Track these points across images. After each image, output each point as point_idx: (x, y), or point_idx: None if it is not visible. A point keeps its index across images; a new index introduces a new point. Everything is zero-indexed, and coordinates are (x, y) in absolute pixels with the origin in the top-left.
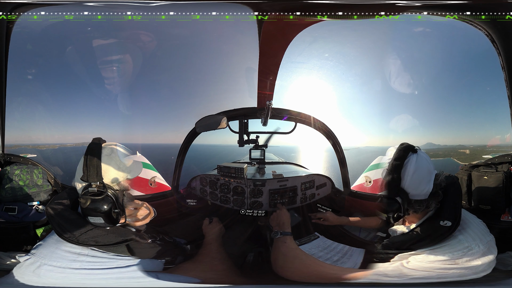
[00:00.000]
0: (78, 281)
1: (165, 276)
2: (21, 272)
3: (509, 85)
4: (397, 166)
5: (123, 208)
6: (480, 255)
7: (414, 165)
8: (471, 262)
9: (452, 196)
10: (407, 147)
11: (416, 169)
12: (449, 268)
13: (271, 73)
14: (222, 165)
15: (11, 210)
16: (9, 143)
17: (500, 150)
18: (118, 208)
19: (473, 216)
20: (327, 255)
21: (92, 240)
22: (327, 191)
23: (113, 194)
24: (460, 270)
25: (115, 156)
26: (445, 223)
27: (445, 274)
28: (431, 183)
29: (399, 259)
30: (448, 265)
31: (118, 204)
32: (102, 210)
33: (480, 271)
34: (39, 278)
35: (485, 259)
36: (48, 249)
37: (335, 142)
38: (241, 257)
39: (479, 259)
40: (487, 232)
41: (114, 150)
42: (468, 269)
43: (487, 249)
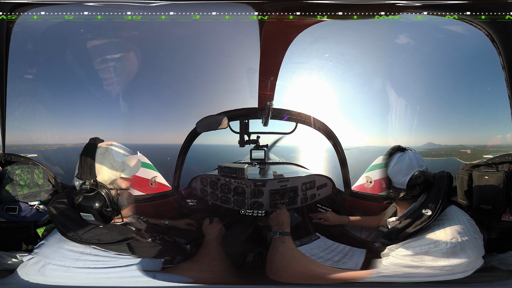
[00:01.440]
0: (82, 280)
1: (163, 275)
2: (25, 272)
3: (510, 85)
4: (385, 159)
5: (118, 207)
6: (449, 253)
7: (395, 160)
8: (438, 261)
9: (436, 188)
10: (396, 148)
11: (396, 163)
12: (416, 267)
13: (272, 74)
14: (222, 165)
15: (12, 210)
16: (9, 143)
17: (501, 150)
18: (110, 207)
19: (463, 214)
20: (328, 255)
21: (95, 239)
22: (328, 192)
23: (105, 192)
24: (429, 270)
25: (108, 155)
26: (426, 211)
27: (414, 273)
28: (408, 176)
29: (391, 251)
30: (414, 263)
31: (110, 202)
32: (93, 207)
33: (458, 272)
34: (45, 277)
35: (456, 260)
36: (51, 248)
37: (335, 143)
38: (241, 258)
39: (448, 258)
40: (469, 231)
41: (109, 149)
42: (438, 269)
43: (460, 248)
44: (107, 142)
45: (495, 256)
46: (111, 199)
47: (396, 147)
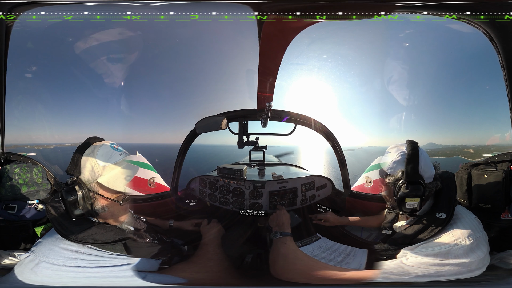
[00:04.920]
0: (71, 280)
1: (157, 276)
2: (20, 270)
3: (509, 83)
4: (414, 154)
5: (92, 210)
6: (468, 250)
7: (424, 152)
8: (460, 258)
9: (447, 190)
10: (414, 141)
11: (425, 156)
12: (443, 264)
13: (271, 75)
14: (221, 166)
15: (10, 209)
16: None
17: (500, 148)
18: (82, 206)
19: (468, 212)
20: (330, 255)
21: (90, 238)
22: (328, 192)
23: (82, 191)
24: (454, 267)
25: (92, 157)
26: (440, 215)
27: (442, 271)
28: (433, 168)
29: (402, 255)
30: (440, 261)
31: (83, 201)
32: (64, 199)
33: (475, 269)
34: (36, 276)
35: (474, 256)
36: (46, 247)
37: (334, 143)
38: (239, 259)
39: (468, 255)
40: (478, 228)
41: (96, 150)
42: (461, 265)
43: (476, 245)
44: (105, 142)
45: (495, 255)
46: (84, 199)
47: (413, 141)
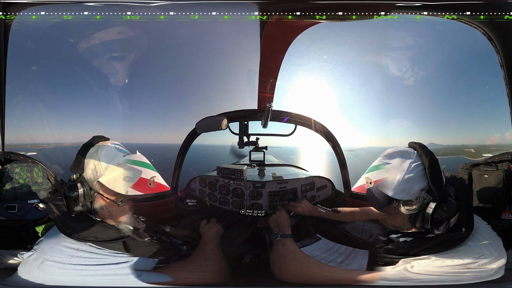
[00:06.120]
0: (75, 278)
1: (153, 275)
2: (27, 269)
3: (508, 83)
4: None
5: (92, 208)
6: (494, 260)
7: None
8: (485, 266)
9: (464, 201)
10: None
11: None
12: (462, 272)
13: (272, 75)
14: (221, 166)
15: (11, 208)
16: (8, 142)
17: (501, 148)
18: (82, 203)
19: (480, 220)
20: (330, 256)
21: (91, 236)
22: (328, 193)
23: (84, 189)
24: (474, 273)
25: (95, 157)
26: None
27: (460, 277)
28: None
29: (403, 263)
30: (460, 270)
31: (83, 199)
32: (65, 195)
33: (495, 273)
34: (44, 275)
35: (499, 263)
36: (49, 245)
37: (335, 144)
38: (237, 259)
39: (493, 263)
40: (495, 236)
41: (99, 150)
42: (483, 271)
43: (498, 253)
44: (109, 142)
45: None
46: (85, 196)
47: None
